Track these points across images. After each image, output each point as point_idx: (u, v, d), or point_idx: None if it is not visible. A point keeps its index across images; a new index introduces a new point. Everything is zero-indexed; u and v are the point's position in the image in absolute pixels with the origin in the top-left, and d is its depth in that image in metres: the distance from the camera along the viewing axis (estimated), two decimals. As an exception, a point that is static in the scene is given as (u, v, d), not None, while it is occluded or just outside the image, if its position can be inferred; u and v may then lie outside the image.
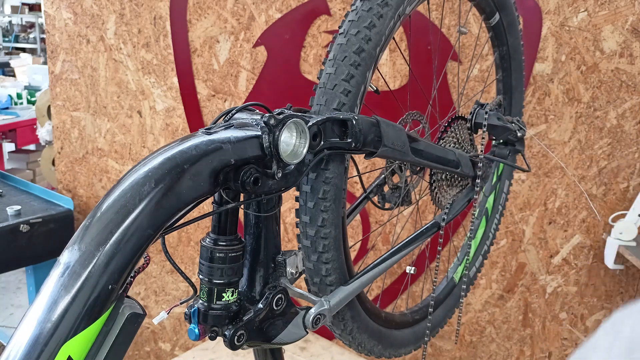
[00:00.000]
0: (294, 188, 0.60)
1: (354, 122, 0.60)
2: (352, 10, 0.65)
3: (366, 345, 0.75)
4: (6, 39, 9.87)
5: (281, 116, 0.54)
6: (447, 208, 0.89)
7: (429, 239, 0.87)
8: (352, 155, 0.64)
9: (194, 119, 1.82)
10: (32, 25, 9.94)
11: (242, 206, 0.58)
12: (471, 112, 0.91)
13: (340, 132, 0.61)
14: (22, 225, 1.74)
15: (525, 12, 1.44)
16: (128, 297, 0.46)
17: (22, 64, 5.61)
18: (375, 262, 0.74)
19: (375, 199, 0.88)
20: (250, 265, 0.61)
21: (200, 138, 0.50)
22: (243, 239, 0.59)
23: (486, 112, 0.89)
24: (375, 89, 0.71)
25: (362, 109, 0.65)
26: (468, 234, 1.01)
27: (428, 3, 0.80)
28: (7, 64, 6.40)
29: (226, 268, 0.56)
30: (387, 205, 0.88)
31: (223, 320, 0.57)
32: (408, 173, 0.86)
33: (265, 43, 1.68)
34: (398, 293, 1.68)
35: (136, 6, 1.80)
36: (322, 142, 0.59)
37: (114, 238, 0.43)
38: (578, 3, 1.42)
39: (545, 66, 1.48)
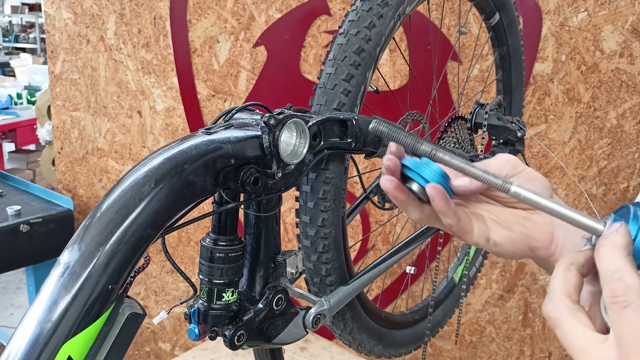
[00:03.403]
0: (294, 188, 0.60)
1: (354, 122, 0.60)
2: (352, 10, 0.65)
3: (366, 345, 0.75)
4: (6, 39, 9.86)
5: (281, 116, 0.54)
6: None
7: (429, 239, 0.87)
8: (352, 155, 0.64)
9: (194, 119, 1.82)
10: (32, 25, 9.94)
11: (242, 206, 0.58)
12: (471, 112, 0.91)
13: (340, 132, 0.61)
14: (22, 225, 1.74)
15: (525, 12, 1.44)
16: (128, 297, 0.46)
17: (22, 64, 5.61)
18: (375, 262, 0.74)
19: (375, 199, 0.88)
20: (250, 265, 0.61)
21: (200, 138, 0.50)
22: (243, 239, 0.59)
23: (486, 112, 0.89)
24: (375, 89, 0.71)
25: (362, 109, 0.65)
26: (468, 234, 1.01)
27: (428, 3, 0.80)
28: (7, 64, 6.40)
29: (226, 268, 0.56)
30: (387, 205, 0.88)
31: (223, 320, 0.57)
32: (408, 173, 0.86)
33: (265, 43, 1.68)
34: (398, 293, 1.68)
35: (136, 6, 1.80)
36: (322, 142, 0.59)
37: (114, 238, 0.43)
38: (578, 3, 1.42)
39: (545, 66, 1.48)
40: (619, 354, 0.36)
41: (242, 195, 0.56)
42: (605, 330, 0.38)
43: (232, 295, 0.57)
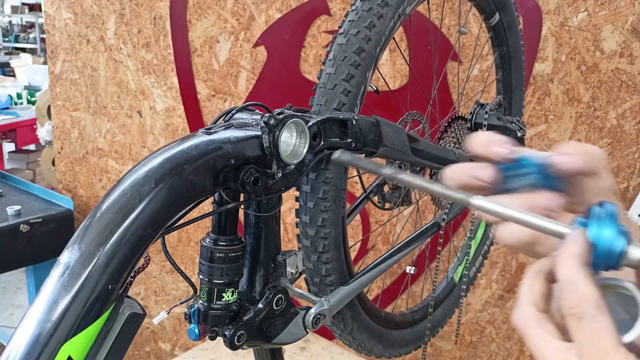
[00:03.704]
0: (294, 188, 0.60)
1: (354, 122, 0.60)
2: (352, 10, 0.65)
3: (366, 345, 0.75)
4: (6, 39, 9.87)
5: (281, 116, 0.54)
6: (447, 208, 0.89)
7: (429, 239, 0.87)
8: (352, 155, 0.64)
9: (194, 119, 1.82)
10: (32, 25, 9.94)
11: (242, 206, 0.58)
12: (471, 112, 0.91)
13: (340, 132, 0.61)
14: (22, 225, 1.74)
15: (525, 12, 1.44)
16: (128, 297, 0.46)
17: (22, 64, 5.62)
18: (375, 262, 0.74)
19: (375, 199, 0.88)
20: (250, 265, 0.61)
21: (200, 138, 0.50)
22: (243, 239, 0.59)
23: (486, 112, 0.89)
24: (375, 89, 0.71)
25: (362, 109, 0.65)
26: (468, 234, 1.01)
27: (428, 3, 0.80)
28: (7, 64, 6.40)
29: (226, 268, 0.56)
30: (387, 205, 0.88)
31: (223, 320, 0.57)
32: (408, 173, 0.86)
33: (265, 43, 1.68)
34: (398, 293, 1.68)
35: (136, 6, 1.80)
36: (322, 142, 0.59)
37: (114, 238, 0.43)
38: (578, 3, 1.42)
39: (545, 66, 1.48)
40: None
41: (242, 195, 0.56)
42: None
43: (232, 295, 0.57)
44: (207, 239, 0.57)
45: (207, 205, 0.57)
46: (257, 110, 0.60)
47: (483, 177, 0.45)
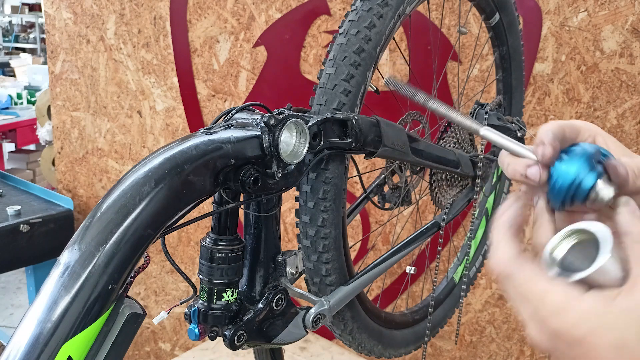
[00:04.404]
0: (294, 188, 0.60)
1: (354, 122, 0.60)
2: (352, 10, 0.65)
3: (366, 345, 0.75)
4: (6, 39, 9.87)
5: (281, 116, 0.54)
6: (447, 208, 0.89)
7: (429, 239, 0.87)
8: (352, 155, 0.64)
9: (194, 119, 1.82)
10: (32, 25, 9.94)
11: (242, 206, 0.58)
12: (471, 112, 0.91)
13: (340, 132, 0.61)
14: (22, 225, 1.74)
15: (525, 12, 1.44)
16: (128, 297, 0.46)
17: (22, 64, 5.62)
18: (375, 262, 0.74)
19: (375, 199, 0.88)
20: (250, 265, 0.61)
21: (200, 138, 0.50)
22: (243, 239, 0.59)
23: (486, 112, 0.89)
24: (375, 89, 0.71)
25: (362, 109, 0.65)
26: (468, 234, 1.01)
27: (428, 3, 0.80)
28: (7, 64, 6.41)
29: (226, 268, 0.56)
30: (387, 205, 0.88)
31: (223, 320, 0.57)
32: (408, 173, 0.86)
33: (265, 43, 1.68)
34: (398, 293, 1.68)
35: (136, 6, 1.80)
36: (322, 142, 0.59)
37: (114, 238, 0.43)
38: (578, 3, 1.42)
39: (545, 66, 1.48)
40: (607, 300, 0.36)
41: (242, 195, 0.56)
42: None
43: (232, 295, 0.57)
44: (207, 239, 0.57)
45: (207, 205, 0.57)
46: (257, 110, 0.60)
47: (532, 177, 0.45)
